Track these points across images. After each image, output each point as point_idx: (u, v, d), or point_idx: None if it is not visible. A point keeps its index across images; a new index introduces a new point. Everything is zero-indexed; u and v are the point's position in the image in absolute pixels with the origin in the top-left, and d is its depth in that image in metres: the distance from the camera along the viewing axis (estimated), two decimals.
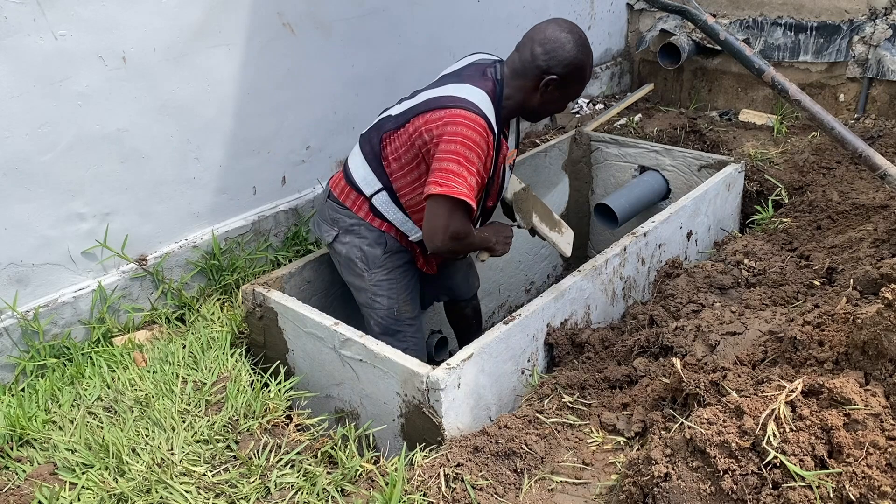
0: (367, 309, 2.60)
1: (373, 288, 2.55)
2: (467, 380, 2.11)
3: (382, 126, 2.43)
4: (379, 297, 2.55)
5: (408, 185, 2.40)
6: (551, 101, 2.39)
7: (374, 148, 2.44)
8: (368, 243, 2.50)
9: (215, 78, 2.84)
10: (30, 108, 2.38)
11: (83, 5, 2.42)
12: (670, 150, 3.68)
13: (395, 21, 3.44)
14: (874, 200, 3.12)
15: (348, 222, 2.51)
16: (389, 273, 2.54)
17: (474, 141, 2.20)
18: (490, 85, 2.33)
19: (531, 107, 2.40)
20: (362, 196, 2.48)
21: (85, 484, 1.98)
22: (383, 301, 2.55)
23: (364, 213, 2.49)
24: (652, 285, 2.92)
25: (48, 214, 2.52)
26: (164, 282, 2.84)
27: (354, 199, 2.50)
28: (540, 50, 2.29)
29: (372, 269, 2.52)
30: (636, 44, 5.01)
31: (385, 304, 2.55)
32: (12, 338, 2.51)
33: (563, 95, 2.39)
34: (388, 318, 2.56)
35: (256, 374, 2.45)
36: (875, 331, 1.60)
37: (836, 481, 1.41)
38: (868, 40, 4.11)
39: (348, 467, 1.97)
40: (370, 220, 2.49)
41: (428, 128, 2.25)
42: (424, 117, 2.28)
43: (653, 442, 1.64)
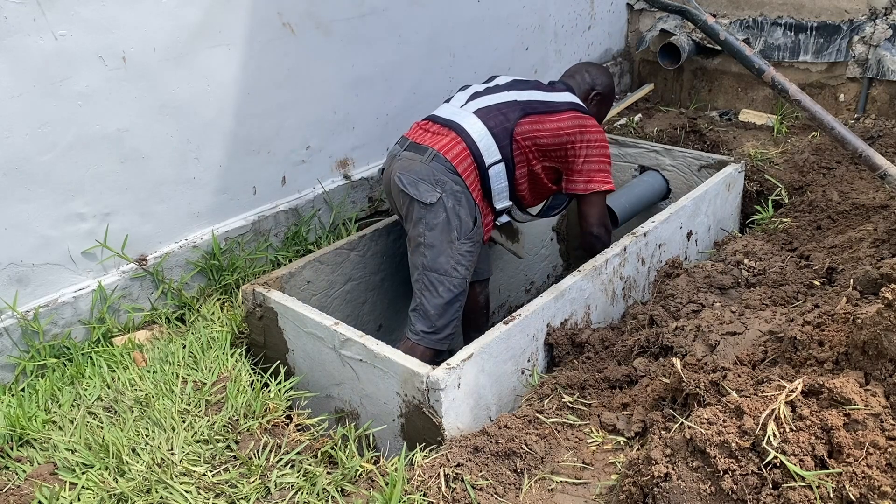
0: (442, 275, 2.64)
1: (458, 256, 2.65)
2: (467, 380, 2.11)
3: (516, 107, 2.74)
4: (460, 266, 2.66)
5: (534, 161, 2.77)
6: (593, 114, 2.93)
7: (510, 122, 2.71)
8: (467, 213, 2.65)
9: (215, 78, 2.84)
10: (30, 108, 2.38)
11: (83, 5, 2.42)
12: (670, 150, 3.68)
13: (395, 21, 3.44)
14: (874, 200, 3.12)
15: (455, 187, 2.64)
16: (473, 246, 2.68)
17: (607, 144, 2.86)
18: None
19: None
20: (479, 164, 2.69)
21: (85, 484, 1.98)
22: (462, 271, 2.67)
23: (472, 181, 2.68)
24: (652, 285, 2.92)
25: (48, 214, 2.52)
26: (164, 282, 2.84)
27: (468, 166, 2.67)
28: (587, 75, 3.06)
29: (462, 238, 2.65)
30: (636, 44, 5.01)
31: (463, 274, 2.67)
32: (12, 338, 2.51)
33: (599, 111, 3.06)
34: (459, 286, 2.67)
35: (256, 374, 2.45)
36: (875, 331, 1.60)
37: (836, 481, 1.41)
38: (868, 40, 4.11)
39: (348, 467, 1.97)
40: (473, 191, 2.68)
41: (579, 130, 2.75)
42: (576, 119, 2.76)
43: (653, 442, 1.64)
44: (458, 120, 2.73)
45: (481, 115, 2.72)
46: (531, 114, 2.73)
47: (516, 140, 2.70)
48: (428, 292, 2.65)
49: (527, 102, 2.76)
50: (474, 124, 2.70)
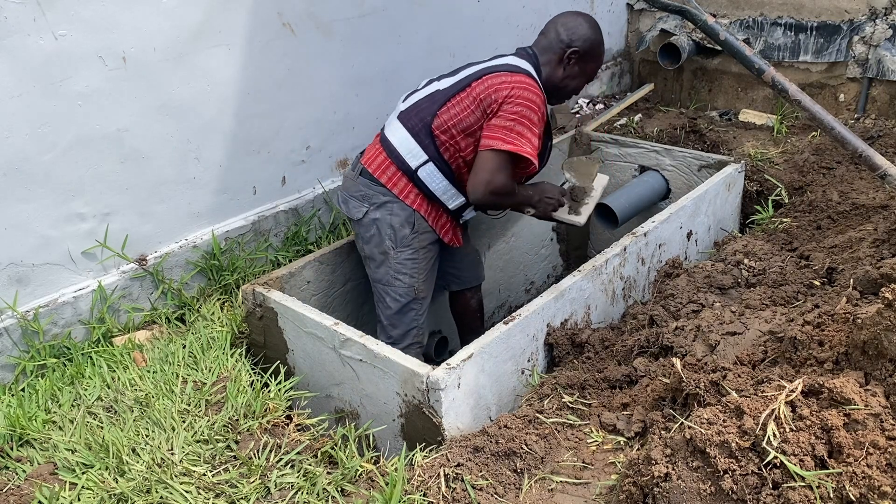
0: (385, 286, 2.68)
1: (397, 266, 2.64)
2: (467, 380, 2.11)
3: (434, 99, 2.58)
4: (401, 276, 2.65)
5: (467, 148, 2.56)
6: (571, 76, 2.67)
7: (426, 119, 2.57)
8: (400, 222, 2.60)
9: (215, 78, 2.84)
10: (30, 108, 2.38)
11: (83, 5, 2.42)
12: (670, 150, 3.68)
13: (395, 21, 3.44)
14: (874, 200, 3.11)
15: (382, 199, 2.61)
16: (415, 252, 2.64)
17: (537, 105, 2.49)
18: (533, 60, 2.64)
19: (556, 81, 2.66)
20: (402, 171, 2.59)
21: (85, 484, 1.98)
22: (405, 279, 2.65)
23: (400, 189, 2.59)
24: (652, 285, 2.92)
25: (48, 214, 2.52)
26: (164, 282, 2.84)
27: (392, 175, 2.60)
28: (563, 29, 2.63)
29: (399, 247, 2.62)
30: (636, 44, 5.01)
31: (406, 283, 2.65)
32: (12, 338, 2.51)
33: (582, 71, 2.67)
34: (406, 295, 2.66)
35: (256, 374, 2.45)
36: (875, 331, 1.60)
37: (836, 481, 1.41)
38: (868, 40, 4.11)
39: (348, 467, 1.97)
40: (404, 198, 2.60)
41: (496, 89, 2.47)
42: (488, 80, 2.51)
43: (653, 442, 1.64)
44: (385, 128, 2.69)
45: (402, 117, 2.63)
46: (449, 99, 2.55)
47: (436, 135, 2.55)
48: (380, 304, 2.71)
49: (448, 88, 2.58)
50: (396, 130, 2.62)
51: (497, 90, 2.47)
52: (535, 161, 2.50)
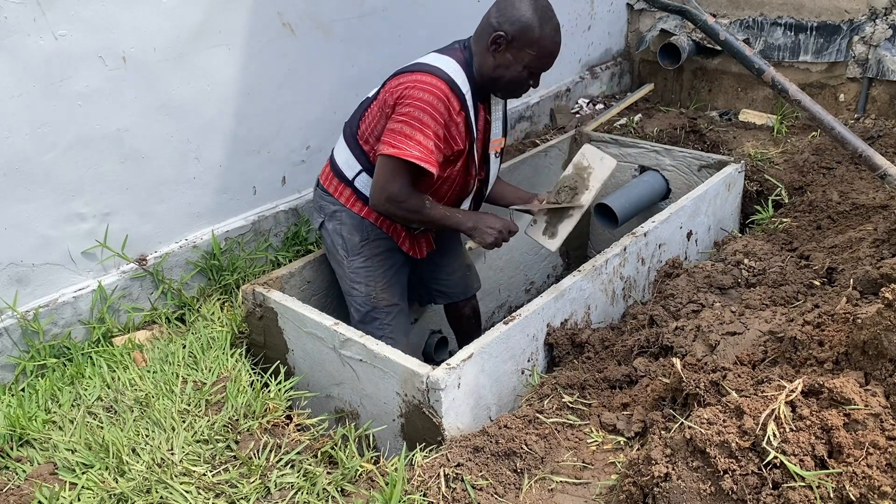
0: (347, 296, 2.66)
1: (351, 275, 2.60)
2: (467, 380, 2.11)
3: (361, 107, 2.52)
4: (357, 285, 2.60)
5: None
6: (504, 66, 2.33)
7: (353, 129, 2.51)
8: (348, 230, 2.56)
9: (215, 78, 2.84)
10: (30, 108, 2.38)
11: (83, 5, 2.41)
12: (670, 150, 3.68)
13: (395, 21, 3.44)
14: (874, 200, 3.11)
15: (332, 209, 2.58)
16: (367, 260, 2.58)
17: (431, 104, 2.24)
18: (459, 54, 2.40)
19: (487, 72, 2.36)
20: (344, 181, 2.54)
21: (85, 484, 1.98)
22: (361, 288, 2.59)
23: (346, 198, 2.55)
24: (652, 285, 2.92)
25: (48, 214, 2.52)
26: (164, 282, 2.84)
27: (337, 185, 2.57)
28: (494, 10, 2.33)
29: (350, 255, 2.58)
30: (636, 44, 5.01)
31: (363, 292, 2.59)
32: (12, 338, 2.51)
33: (516, 60, 2.31)
34: (364, 305, 2.60)
35: (256, 374, 2.45)
36: (875, 331, 1.60)
37: (836, 481, 1.41)
38: (868, 40, 4.11)
39: (348, 467, 1.97)
40: (351, 206, 2.55)
41: (391, 92, 2.31)
42: (390, 83, 2.36)
43: (653, 442, 1.64)
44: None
45: (345, 125, 2.59)
46: (369, 107, 2.46)
47: (361, 145, 2.48)
48: (349, 314, 2.67)
49: (372, 96, 2.49)
50: (338, 141, 2.59)
51: (392, 93, 2.31)
52: (425, 165, 2.24)
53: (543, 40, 2.30)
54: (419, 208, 2.36)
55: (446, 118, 2.28)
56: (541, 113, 4.49)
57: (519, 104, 4.33)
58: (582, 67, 4.81)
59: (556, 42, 2.35)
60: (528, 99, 4.40)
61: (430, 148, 2.25)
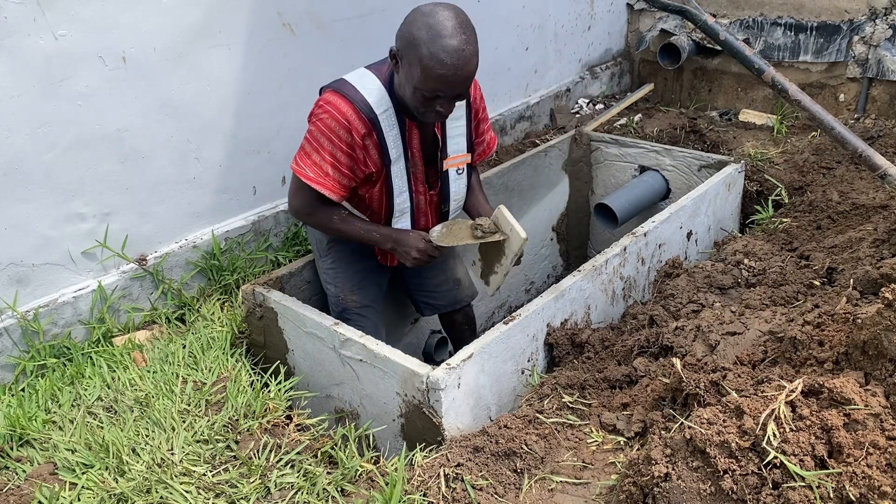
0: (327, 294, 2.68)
1: (323, 275, 2.65)
2: (467, 380, 2.11)
3: None
4: (328, 285, 2.64)
5: None
6: (399, 85, 2.17)
7: None
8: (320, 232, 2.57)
9: (215, 78, 2.84)
10: (30, 108, 2.38)
11: (83, 5, 2.42)
12: (670, 150, 3.68)
13: (395, 21, 3.40)
14: (874, 200, 3.11)
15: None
16: (335, 262, 2.59)
17: (330, 128, 2.19)
18: (385, 68, 2.27)
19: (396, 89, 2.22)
20: None
21: (85, 484, 1.98)
22: (331, 289, 2.62)
23: None
24: (652, 285, 2.92)
25: (48, 214, 2.52)
26: (164, 282, 2.84)
27: None
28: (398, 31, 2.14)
29: (322, 256, 2.62)
30: (636, 44, 5.01)
31: (332, 292, 2.62)
32: (12, 338, 2.51)
33: (406, 79, 2.09)
34: (336, 305, 2.62)
35: (256, 374, 2.45)
36: (875, 331, 1.60)
37: (836, 481, 1.41)
38: (868, 40, 4.11)
39: (348, 467, 1.97)
40: None
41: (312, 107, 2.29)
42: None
43: (653, 442, 1.64)
44: None
45: None
46: None
47: None
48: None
49: None
50: None
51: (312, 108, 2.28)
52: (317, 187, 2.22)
53: (427, 60, 1.99)
54: (326, 223, 2.37)
55: (348, 142, 2.20)
56: (541, 113, 4.49)
57: (519, 104, 4.33)
58: (582, 67, 4.81)
59: (445, 64, 1.98)
60: (527, 99, 4.40)
61: (325, 171, 2.23)
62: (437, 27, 1.99)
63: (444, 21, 2.00)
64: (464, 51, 1.99)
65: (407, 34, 2.04)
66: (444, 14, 2.01)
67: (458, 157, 2.45)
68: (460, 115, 2.38)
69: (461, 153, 2.45)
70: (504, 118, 4.22)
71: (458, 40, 1.99)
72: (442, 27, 1.99)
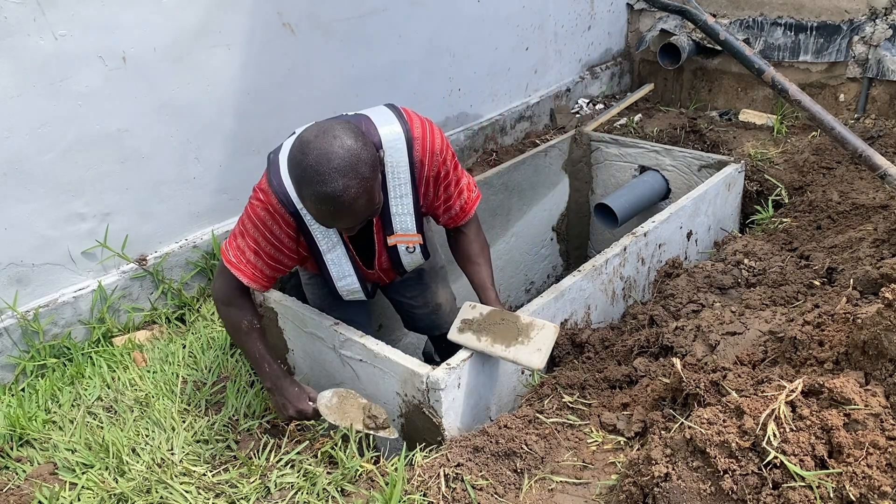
0: None
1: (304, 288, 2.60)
2: (467, 380, 2.11)
3: None
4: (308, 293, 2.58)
5: None
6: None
7: None
8: None
9: (215, 78, 2.84)
10: (30, 108, 2.38)
11: (83, 5, 2.42)
12: (670, 150, 3.68)
13: (395, 21, 3.44)
14: (874, 200, 3.11)
15: None
16: (311, 278, 2.51)
17: (259, 217, 2.02)
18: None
19: None
20: None
21: (85, 484, 1.98)
22: (310, 296, 2.57)
23: None
24: (652, 285, 2.92)
25: (48, 214, 2.52)
26: (164, 282, 2.84)
27: None
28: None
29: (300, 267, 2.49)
30: (636, 44, 5.01)
31: (311, 299, 2.56)
32: (12, 338, 2.51)
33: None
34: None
35: (256, 374, 2.45)
36: (875, 331, 1.60)
37: (836, 481, 1.41)
38: (868, 40, 4.11)
39: (348, 467, 1.97)
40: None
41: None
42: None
43: (653, 442, 1.64)
44: None
45: None
46: None
47: None
48: None
49: None
50: None
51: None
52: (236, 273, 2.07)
53: (305, 202, 1.83)
54: (236, 322, 2.15)
55: (273, 232, 2.05)
56: (541, 113, 4.50)
57: (519, 104, 4.34)
58: (582, 67, 4.81)
59: (324, 210, 1.80)
60: (528, 99, 4.40)
61: (248, 259, 2.07)
62: (311, 170, 1.75)
63: (320, 160, 1.74)
64: (341, 197, 1.76)
65: (289, 158, 1.82)
66: (320, 150, 1.75)
67: (406, 235, 2.20)
68: (404, 192, 2.10)
69: (409, 232, 2.19)
70: (504, 118, 4.22)
71: (333, 186, 1.74)
72: (314, 171, 1.74)
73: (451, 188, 2.19)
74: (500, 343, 2.10)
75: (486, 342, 2.11)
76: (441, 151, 2.10)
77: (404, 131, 2.03)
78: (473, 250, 2.34)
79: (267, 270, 2.11)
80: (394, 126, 2.03)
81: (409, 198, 2.13)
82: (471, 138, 4.03)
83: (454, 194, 2.21)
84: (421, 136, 2.05)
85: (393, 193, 2.08)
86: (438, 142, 2.10)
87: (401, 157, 2.03)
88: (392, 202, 2.11)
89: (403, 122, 2.05)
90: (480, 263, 2.34)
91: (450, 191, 2.19)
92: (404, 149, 2.02)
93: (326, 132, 1.77)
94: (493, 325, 2.15)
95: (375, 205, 1.88)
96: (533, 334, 2.12)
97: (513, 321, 2.15)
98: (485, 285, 2.32)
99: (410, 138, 2.03)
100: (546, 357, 2.08)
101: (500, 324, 2.15)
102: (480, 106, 4.09)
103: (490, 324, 2.15)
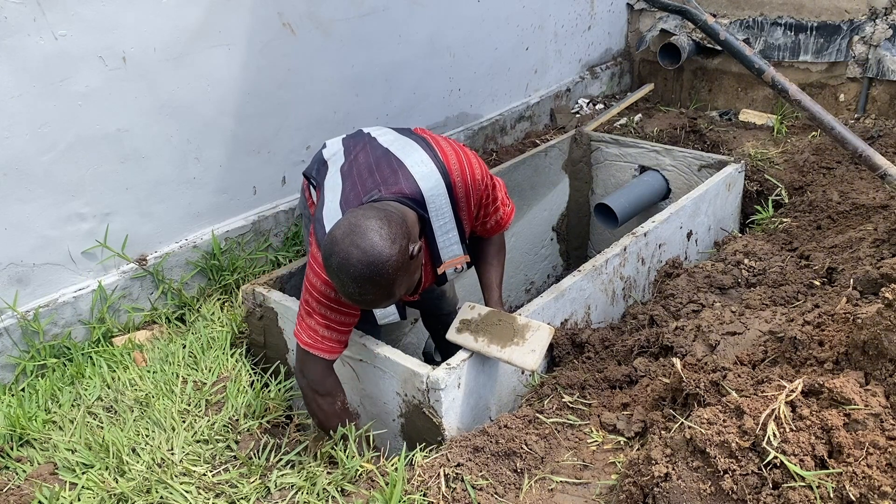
0: None
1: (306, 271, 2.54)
2: (467, 380, 2.11)
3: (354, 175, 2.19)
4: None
5: None
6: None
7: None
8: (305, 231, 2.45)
9: (215, 78, 2.83)
10: (30, 108, 2.38)
11: (83, 5, 2.41)
12: (670, 150, 3.68)
13: (395, 21, 3.43)
14: (874, 200, 3.11)
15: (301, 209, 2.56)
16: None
17: (319, 292, 2.02)
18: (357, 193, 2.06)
19: None
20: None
21: (85, 484, 1.98)
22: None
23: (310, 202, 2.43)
24: (652, 285, 2.92)
25: (48, 214, 2.52)
26: (165, 282, 2.84)
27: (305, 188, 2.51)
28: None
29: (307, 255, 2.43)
30: (636, 44, 5.01)
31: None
32: (12, 338, 2.51)
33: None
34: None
35: (256, 374, 2.45)
36: (875, 331, 1.60)
37: (836, 481, 1.41)
38: (868, 40, 4.11)
39: (348, 467, 1.97)
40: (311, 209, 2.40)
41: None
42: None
43: (653, 442, 1.64)
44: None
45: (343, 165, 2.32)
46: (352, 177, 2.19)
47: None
48: None
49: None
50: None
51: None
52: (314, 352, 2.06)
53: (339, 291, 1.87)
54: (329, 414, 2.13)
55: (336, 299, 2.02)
56: (541, 113, 4.50)
57: (519, 104, 4.34)
58: (582, 67, 4.81)
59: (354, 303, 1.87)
60: (528, 99, 4.40)
61: (321, 335, 2.06)
62: (333, 272, 1.79)
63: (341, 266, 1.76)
64: (360, 301, 1.83)
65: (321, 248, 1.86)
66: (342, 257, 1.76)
67: (455, 259, 2.21)
68: (450, 227, 2.11)
69: (456, 256, 2.21)
70: (504, 118, 4.22)
71: (351, 290, 1.79)
72: (335, 275, 1.79)
73: (490, 206, 2.25)
74: (496, 344, 2.14)
75: (482, 342, 2.14)
76: (481, 179, 2.12)
77: (441, 172, 2.03)
78: (491, 252, 2.40)
79: (341, 337, 2.11)
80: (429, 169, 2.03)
81: (455, 230, 2.14)
82: (471, 138, 4.03)
83: (492, 212, 2.27)
84: (459, 169, 2.06)
85: (439, 232, 2.10)
86: (477, 171, 2.11)
87: (443, 202, 2.05)
88: (439, 239, 2.12)
89: (438, 160, 2.05)
90: (494, 265, 2.40)
91: (488, 209, 2.25)
92: (445, 193, 2.04)
93: (353, 231, 1.76)
94: (491, 326, 2.18)
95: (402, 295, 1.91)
96: (528, 335, 2.15)
97: (509, 322, 2.18)
98: (491, 286, 2.36)
99: (449, 180, 2.04)
100: (540, 358, 2.11)
101: (497, 325, 2.18)
102: (480, 106, 4.09)
103: (487, 324, 2.18)
